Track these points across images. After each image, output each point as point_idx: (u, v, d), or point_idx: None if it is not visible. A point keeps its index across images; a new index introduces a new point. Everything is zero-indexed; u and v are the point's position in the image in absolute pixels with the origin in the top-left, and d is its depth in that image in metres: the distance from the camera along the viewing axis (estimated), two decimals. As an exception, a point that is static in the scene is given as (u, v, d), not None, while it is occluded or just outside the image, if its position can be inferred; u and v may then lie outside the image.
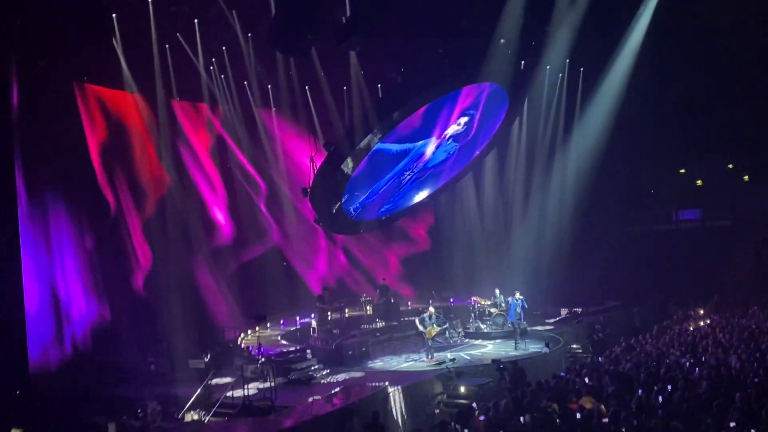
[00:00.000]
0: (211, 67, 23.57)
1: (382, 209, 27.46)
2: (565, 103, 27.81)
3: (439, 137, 25.41)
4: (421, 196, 28.28)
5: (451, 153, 26.72)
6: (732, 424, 10.40)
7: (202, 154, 25.34)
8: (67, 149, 20.62)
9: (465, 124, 25.56)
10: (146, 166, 23.16)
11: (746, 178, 29.58)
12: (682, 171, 30.49)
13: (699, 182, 30.39)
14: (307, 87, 25.44)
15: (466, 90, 24.13)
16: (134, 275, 22.60)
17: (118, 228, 22.43)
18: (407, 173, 25.97)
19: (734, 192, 29.00)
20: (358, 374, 19.44)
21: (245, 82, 24.62)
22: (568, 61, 26.14)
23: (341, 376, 19.09)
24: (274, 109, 26.03)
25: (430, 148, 25.62)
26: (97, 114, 21.95)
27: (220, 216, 25.73)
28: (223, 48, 22.93)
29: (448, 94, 23.72)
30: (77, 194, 20.97)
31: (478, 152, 28.05)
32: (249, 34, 22.60)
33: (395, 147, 24.59)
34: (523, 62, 24.90)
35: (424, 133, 24.77)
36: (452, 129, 25.42)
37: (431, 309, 20.87)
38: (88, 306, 20.85)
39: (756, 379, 13.31)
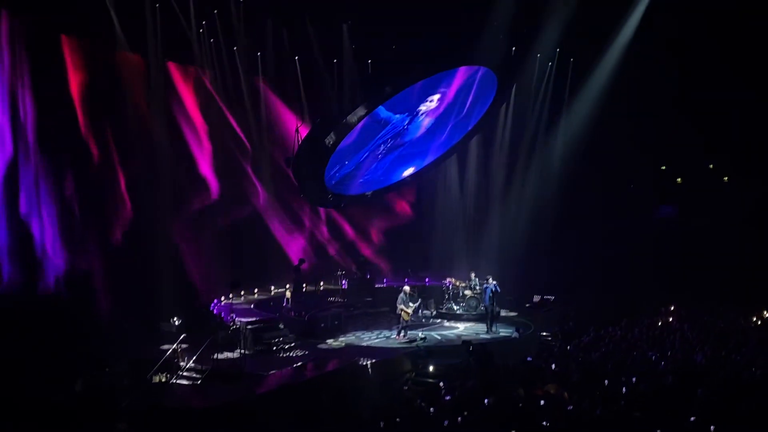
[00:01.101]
0: (201, 30, 23.40)
1: (364, 184, 27.42)
2: (551, 92, 27.85)
3: (414, 113, 25.38)
4: (404, 173, 28.27)
5: (429, 130, 26.68)
6: (692, 419, 10.59)
7: (190, 113, 25.11)
8: (53, 99, 20.58)
9: (438, 100, 25.44)
10: (133, 122, 22.94)
11: (726, 178, 29.80)
12: (663, 168, 30.65)
13: (678, 180, 30.58)
14: (296, 57, 25.27)
15: (461, 71, 24.12)
16: (114, 228, 22.43)
17: (102, 179, 22.26)
18: (382, 146, 25.91)
19: (713, 191, 29.21)
20: (329, 347, 19.54)
21: (234, 48, 24.43)
22: (558, 50, 26.16)
23: (312, 348, 19.14)
24: (262, 77, 25.77)
25: (407, 123, 25.60)
26: (83, 67, 21.72)
27: (205, 177, 25.54)
28: (215, 12, 22.86)
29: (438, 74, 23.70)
30: (59, 142, 20.85)
31: (463, 134, 28.04)
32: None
33: (379, 120, 24.49)
34: (514, 48, 24.88)
35: (406, 108, 24.73)
36: (425, 106, 25.36)
37: (406, 288, 20.94)
38: (63, 254, 20.70)
39: (719, 376, 13.53)
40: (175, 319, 19.91)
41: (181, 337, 17.66)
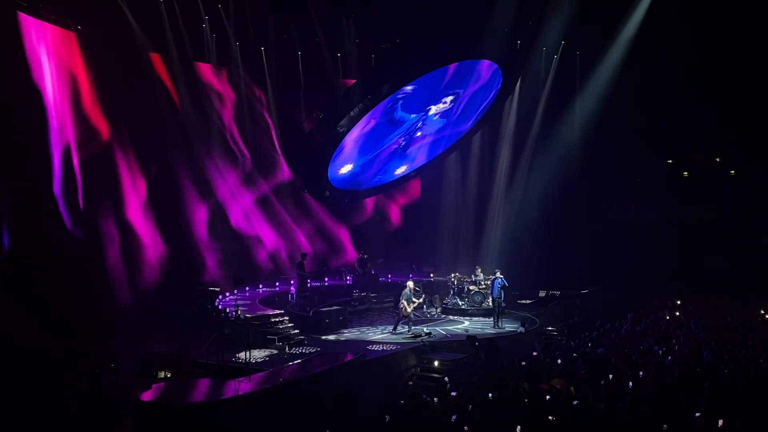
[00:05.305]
0: (204, 25, 23.48)
1: (373, 179, 27.39)
2: (551, 85, 27.72)
3: (428, 111, 25.31)
4: (405, 168, 28.18)
5: (440, 128, 26.64)
6: (697, 414, 10.53)
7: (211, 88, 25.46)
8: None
9: (451, 101, 25.43)
10: (151, 101, 23.28)
11: (732, 172, 29.71)
12: (670, 161, 30.56)
13: (685, 173, 30.49)
14: (299, 53, 25.25)
15: (466, 65, 24.06)
16: (125, 206, 22.53)
17: (111, 155, 22.41)
18: (397, 144, 25.89)
19: (719, 185, 29.12)
20: (333, 342, 19.52)
21: (237, 43, 24.46)
22: (563, 43, 26.07)
23: (317, 344, 19.13)
24: (267, 70, 25.71)
25: (421, 121, 25.54)
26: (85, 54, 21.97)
27: (221, 162, 25.73)
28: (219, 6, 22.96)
29: (444, 68, 23.63)
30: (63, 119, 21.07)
31: (467, 129, 27.97)
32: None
33: (388, 117, 24.44)
34: (519, 42, 24.77)
35: (418, 106, 24.67)
36: (439, 106, 25.30)
37: (410, 283, 20.85)
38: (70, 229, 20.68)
39: (725, 371, 13.47)
40: (183, 313, 19.84)
41: (187, 332, 17.64)
